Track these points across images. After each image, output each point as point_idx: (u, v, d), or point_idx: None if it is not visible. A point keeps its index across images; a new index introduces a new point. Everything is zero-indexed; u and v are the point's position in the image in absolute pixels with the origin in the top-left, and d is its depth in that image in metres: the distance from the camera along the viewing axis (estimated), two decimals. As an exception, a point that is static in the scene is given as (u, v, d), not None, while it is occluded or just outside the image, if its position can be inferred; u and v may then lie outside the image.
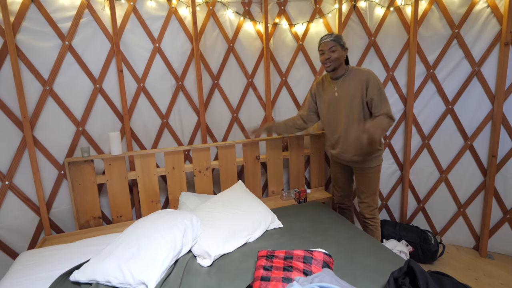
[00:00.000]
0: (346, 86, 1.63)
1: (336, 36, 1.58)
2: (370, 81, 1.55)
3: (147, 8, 1.92)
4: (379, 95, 1.55)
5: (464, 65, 2.02)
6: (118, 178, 1.86)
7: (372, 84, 1.55)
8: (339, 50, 1.57)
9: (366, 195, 1.75)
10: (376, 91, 1.55)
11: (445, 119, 2.13)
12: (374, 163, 1.69)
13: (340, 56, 1.58)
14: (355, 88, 1.59)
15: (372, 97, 1.55)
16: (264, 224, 1.62)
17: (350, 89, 1.61)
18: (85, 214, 1.84)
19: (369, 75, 1.57)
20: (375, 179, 1.72)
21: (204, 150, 1.99)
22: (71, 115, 1.84)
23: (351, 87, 1.61)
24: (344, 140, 1.71)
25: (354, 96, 1.60)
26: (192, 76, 2.07)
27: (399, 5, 2.09)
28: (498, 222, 2.06)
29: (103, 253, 1.28)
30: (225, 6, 2.07)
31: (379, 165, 1.71)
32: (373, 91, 1.55)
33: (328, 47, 1.57)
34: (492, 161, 1.98)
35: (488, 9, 1.90)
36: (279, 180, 2.22)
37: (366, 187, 1.73)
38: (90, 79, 1.86)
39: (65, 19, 1.75)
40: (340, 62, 1.60)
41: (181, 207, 1.84)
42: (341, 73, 1.64)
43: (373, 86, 1.55)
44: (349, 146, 1.69)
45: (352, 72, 1.63)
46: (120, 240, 1.34)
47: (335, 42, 1.56)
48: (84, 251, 1.46)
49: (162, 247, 1.27)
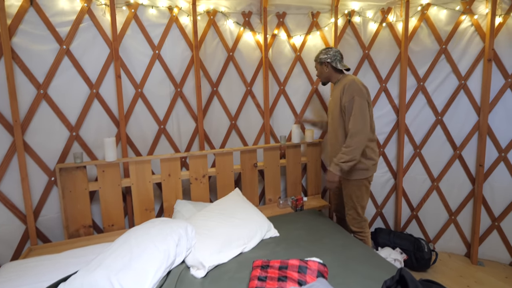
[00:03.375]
0: (334, 92, 1.72)
1: (316, 56, 1.78)
2: (345, 88, 1.55)
3: (148, 16, 1.94)
4: (350, 104, 1.51)
5: (452, 79, 2.14)
6: (111, 185, 1.80)
7: (347, 91, 1.53)
8: (318, 67, 1.78)
9: (348, 207, 1.74)
10: (348, 99, 1.52)
11: (435, 129, 2.22)
12: (354, 176, 1.63)
13: (321, 72, 1.78)
14: (337, 94, 1.66)
15: (345, 104, 1.55)
16: (260, 233, 1.60)
17: (335, 96, 1.69)
18: (75, 222, 1.76)
19: (348, 81, 1.56)
20: (355, 192, 1.66)
21: (201, 157, 1.98)
22: (65, 120, 1.79)
23: (335, 93, 1.69)
24: (330, 146, 1.78)
25: (335, 102, 1.68)
26: (191, 83, 2.08)
27: (391, 21, 2.21)
28: (487, 229, 2.13)
29: (92, 264, 1.22)
30: (225, 16, 2.12)
31: (362, 180, 1.64)
32: (346, 97, 1.53)
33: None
34: (480, 170, 2.07)
35: (472, 27, 2.04)
36: (276, 188, 2.22)
37: (348, 199, 1.72)
38: (86, 83, 1.83)
39: (64, 24, 1.73)
40: (324, 76, 1.76)
41: (176, 216, 1.80)
42: (335, 81, 1.77)
43: (347, 93, 1.52)
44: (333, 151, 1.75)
45: (342, 79, 1.72)
46: (111, 250, 1.29)
47: (315, 61, 1.79)
48: (72, 261, 1.39)
49: (155, 258, 1.23)
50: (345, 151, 1.54)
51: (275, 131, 2.34)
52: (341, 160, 1.54)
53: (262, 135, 2.30)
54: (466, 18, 2.05)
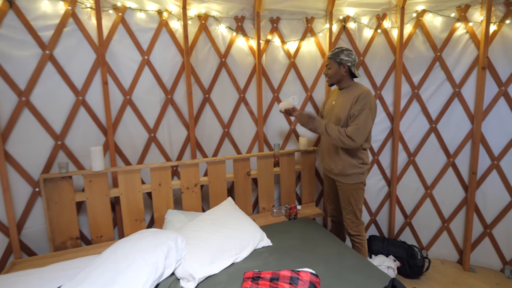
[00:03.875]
0: (344, 97, 1.67)
1: (334, 53, 1.65)
2: (360, 97, 1.56)
3: (137, 20, 1.87)
4: (359, 113, 1.54)
5: (446, 87, 2.13)
6: (99, 196, 1.75)
7: (360, 101, 1.55)
8: (335, 67, 1.66)
9: (346, 211, 1.76)
10: (359, 108, 1.54)
11: (429, 137, 2.21)
12: (353, 180, 1.68)
13: (336, 72, 1.66)
14: (348, 101, 1.63)
15: (354, 112, 1.56)
16: (252, 243, 1.58)
17: (345, 101, 1.65)
18: (61, 234, 1.70)
19: (363, 92, 1.57)
20: (354, 195, 1.70)
21: (193, 166, 1.93)
22: (49, 128, 1.72)
23: (346, 99, 1.65)
24: (330, 150, 1.75)
25: (345, 108, 1.64)
26: (182, 89, 2.02)
27: (386, 28, 2.18)
28: (479, 236, 2.14)
29: (77, 279, 1.18)
30: (217, 21, 2.06)
31: (359, 183, 1.68)
32: (357, 106, 1.55)
33: (326, 63, 1.71)
34: (473, 178, 2.07)
35: (467, 35, 2.03)
36: (270, 196, 2.18)
37: (346, 203, 1.74)
38: (72, 90, 1.75)
39: (47, 28, 1.66)
40: (337, 77, 1.68)
41: (167, 226, 1.77)
42: (344, 86, 1.71)
43: (361, 103, 1.55)
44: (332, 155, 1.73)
45: (354, 86, 1.67)
46: (97, 263, 1.25)
47: (330, 59, 1.67)
48: (57, 276, 1.33)
49: (142, 270, 1.20)
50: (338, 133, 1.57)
51: (268, 139, 2.30)
52: (328, 129, 1.60)
53: (255, 143, 2.26)
54: (461, 25, 2.04)
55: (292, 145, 2.35)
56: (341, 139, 1.54)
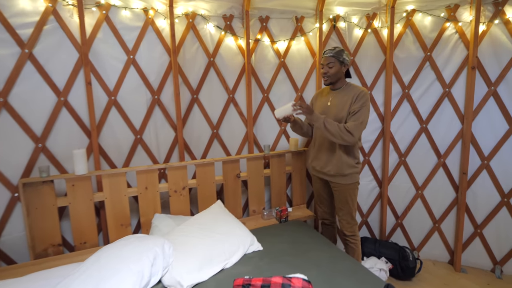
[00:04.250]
0: (340, 97, 1.65)
1: (337, 51, 1.61)
2: (359, 97, 1.57)
3: (122, 18, 1.81)
4: (359, 109, 1.56)
5: (436, 86, 2.13)
6: (83, 200, 1.68)
7: (360, 99, 1.57)
8: (337, 66, 1.61)
9: (343, 212, 1.74)
10: (359, 105, 1.56)
11: (420, 137, 2.20)
12: (349, 180, 1.67)
13: (337, 72, 1.62)
14: (346, 100, 1.61)
15: (354, 109, 1.57)
16: (242, 248, 1.55)
17: (343, 101, 1.62)
18: (42, 241, 1.63)
19: (362, 91, 1.59)
20: (351, 196, 1.70)
21: (181, 169, 1.88)
22: (29, 131, 1.65)
23: (344, 99, 1.62)
24: (325, 150, 1.71)
25: (342, 107, 1.62)
26: (169, 90, 1.97)
27: (376, 27, 2.17)
28: (470, 236, 2.14)
29: None
30: (205, 19, 2.01)
31: (355, 183, 1.70)
32: (357, 103, 1.57)
33: (326, 62, 1.61)
34: (463, 178, 2.07)
35: (456, 35, 2.03)
36: (260, 198, 2.14)
37: (343, 204, 1.72)
38: (53, 91, 1.69)
39: (26, 25, 1.59)
40: (337, 76, 1.64)
41: (154, 231, 1.72)
42: (339, 86, 1.68)
43: (360, 101, 1.57)
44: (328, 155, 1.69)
45: (349, 86, 1.66)
46: (80, 272, 1.20)
47: (334, 58, 1.60)
48: (37, 285, 1.26)
49: (127, 280, 1.16)
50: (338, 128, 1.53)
51: (259, 140, 2.27)
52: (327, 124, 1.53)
53: (245, 144, 2.23)
54: (451, 25, 2.03)
55: (282, 146, 2.32)
56: (341, 135, 1.52)
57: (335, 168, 1.67)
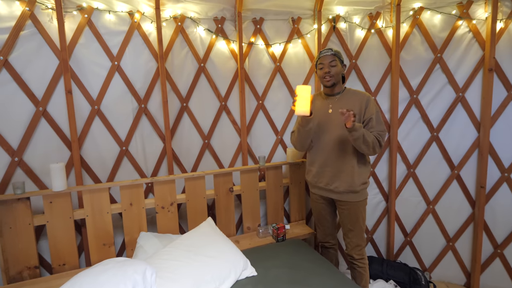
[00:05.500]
0: (343, 104, 1.50)
1: (336, 50, 1.50)
2: (370, 102, 1.49)
3: (105, 22, 1.70)
4: (377, 117, 1.47)
5: (448, 91, 1.94)
6: (61, 218, 1.56)
7: (372, 105, 1.49)
8: (339, 65, 1.49)
9: (354, 233, 1.55)
10: (375, 112, 1.48)
11: (430, 147, 2.01)
12: (361, 196, 1.51)
13: (339, 72, 1.50)
14: (352, 107, 1.47)
15: (371, 116, 1.46)
16: (234, 273, 1.39)
17: (347, 108, 1.46)
18: (16, 264, 1.50)
19: (370, 97, 1.51)
20: (362, 213, 1.54)
21: (168, 183, 1.74)
22: (4, 144, 1.54)
23: (348, 105, 1.48)
24: (332, 164, 1.52)
25: None
26: (157, 98, 1.85)
27: (380, 28, 2.00)
28: (489, 257, 1.93)
29: None
30: (195, 22, 1.89)
31: (366, 199, 1.55)
32: (372, 110, 1.47)
33: (328, 60, 1.47)
34: (481, 192, 1.86)
35: (470, 33, 1.85)
36: (255, 214, 1.98)
37: (354, 224, 1.54)
38: (31, 100, 1.58)
39: (1, 31, 1.49)
40: (339, 78, 1.51)
41: (138, 252, 1.58)
42: (338, 91, 1.54)
43: (373, 107, 1.48)
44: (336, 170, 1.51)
45: (350, 91, 1.55)
46: None
47: (335, 56, 1.48)
48: None
49: None
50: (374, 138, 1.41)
51: (253, 151, 2.11)
52: (367, 134, 1.38)
53: (239, 155, 2.08)
54: (463, 23, 1.85)
55: (279, 157, 2.16)
56: (374, 146, 1.40)
57: (345, 184, 1.49)
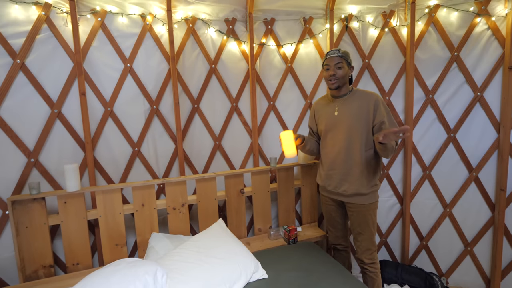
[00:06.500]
0: (349, 106, 1.46)
1: (343, 52, 1.45)
2: (380, 104, 1.43)
3: (118, 25, 1.72)
4: (389, 119, 1.44)
5: (466, 90, 1.88)
6: (75, 219, 1.58)
7: (382, 107, 1.44)
8: (345, 67, 1.45)
9: (364, 237, 1.52)
10: (386, 114, 1.44)
11: (447, 148, 1.95)
12: (371, 199, 1.48)
13: (346, 74, 1.46)
14: (359, 108, 1.43)
15: (383, 119, 1.42)
16: (245, 276, 1.38)
17: (354, 110, 1.44)
18: (32, 262, 1.53)
19: (378, 97, 1.45)
20: (372, 217, 1.50)
21: (180, 184, 1.74)
22: (21, 145, 1.57)
23: (354, 107, 1.44)
24: (339, 167, 1.49)
25: (357, 117, 1.43)
26: (169, 99, 1.85)
27: (394, 26, 1.96)
28: (510, 262, 1.85)
29: None
30: (206, 24, 1.89)
31: (376, 202, 1.52)
32: (383, 112, 1.43)
33: (334, 62, 1.43)
34: (501, 195, 1.79)
35: (488, 31, 1.78)
36: (267, 216, 1.96)
37: (363, 227, 1.50)
38: (46, 102, 1.61)
39: (18, 35, 1.53)
40: (345, 80, 1.47)
41: (149, 253, 1.59)
42: (344, 92, 1.50)
43: (383, 109, 1.44)
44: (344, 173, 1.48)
45: (357, 92, 1.50)
46: None
47: (342, 58, 1.44)
48: None
49: None
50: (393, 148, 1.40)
51: (264, 152, 2.10)
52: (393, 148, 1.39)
53: (250, 156, 2.06)
54: (482, 20, 1.79)
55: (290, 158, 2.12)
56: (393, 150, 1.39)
57: (353, 187, 1.46)
